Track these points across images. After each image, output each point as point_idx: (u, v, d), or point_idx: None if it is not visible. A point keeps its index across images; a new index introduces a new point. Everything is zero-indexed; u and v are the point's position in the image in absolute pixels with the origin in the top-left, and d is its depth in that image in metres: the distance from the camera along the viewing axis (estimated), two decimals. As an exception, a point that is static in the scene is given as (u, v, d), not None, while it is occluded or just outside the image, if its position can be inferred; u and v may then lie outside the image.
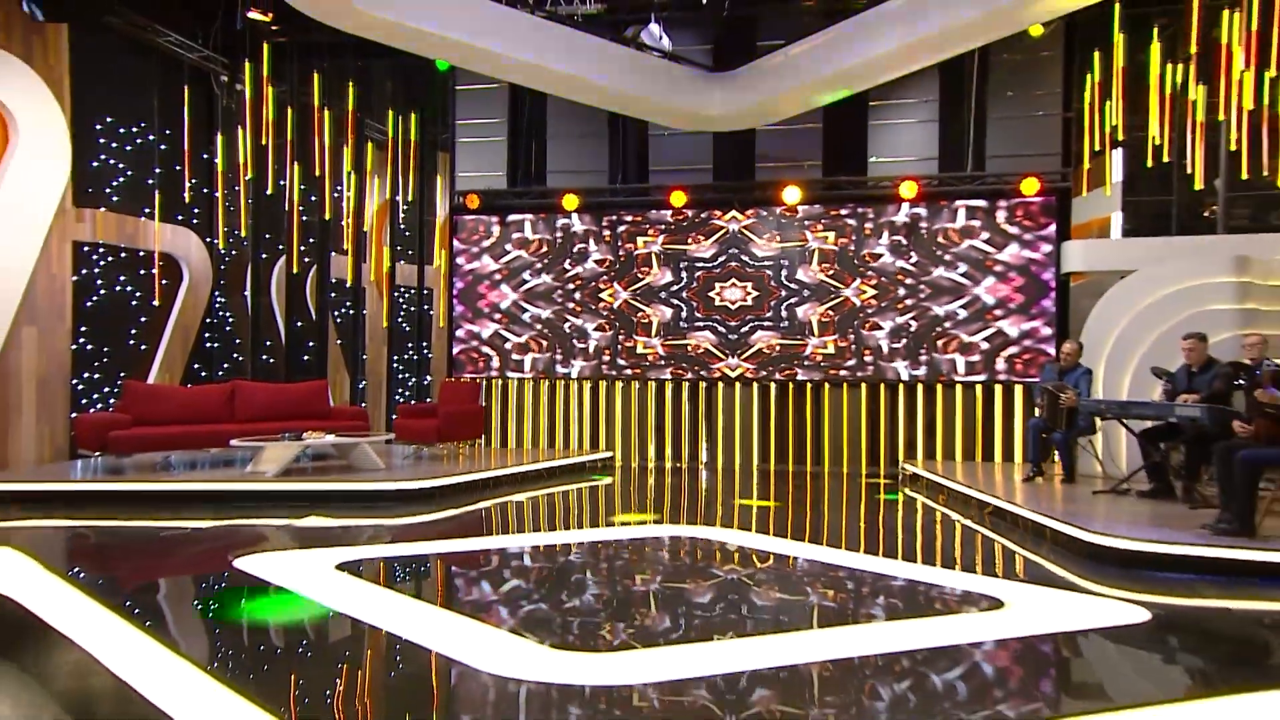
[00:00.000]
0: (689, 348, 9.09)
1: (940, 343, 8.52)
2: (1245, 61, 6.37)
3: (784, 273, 8.88)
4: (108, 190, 8.11)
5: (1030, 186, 7.96)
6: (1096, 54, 7.53)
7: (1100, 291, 7.73)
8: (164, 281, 8.52)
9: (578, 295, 9.30)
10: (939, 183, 8.50)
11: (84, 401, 8.00)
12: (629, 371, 9.21)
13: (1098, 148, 7.79)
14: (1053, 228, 8.24)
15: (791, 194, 8.57)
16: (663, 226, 9.16)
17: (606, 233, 9.26)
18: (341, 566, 4.16)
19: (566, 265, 9.32)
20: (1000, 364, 8.38)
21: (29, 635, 3.35)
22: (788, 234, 8.87)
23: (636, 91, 7.62)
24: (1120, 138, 7.60)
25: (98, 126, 7.95)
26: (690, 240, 9.10)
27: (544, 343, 9.37)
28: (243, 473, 6.65)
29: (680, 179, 9.06)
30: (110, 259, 8.13)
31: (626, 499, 7.22)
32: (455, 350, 9.54)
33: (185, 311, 8.74)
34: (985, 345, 8.43)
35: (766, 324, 8.92)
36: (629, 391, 9.20)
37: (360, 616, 3.40)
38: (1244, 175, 6.99)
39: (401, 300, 10.97)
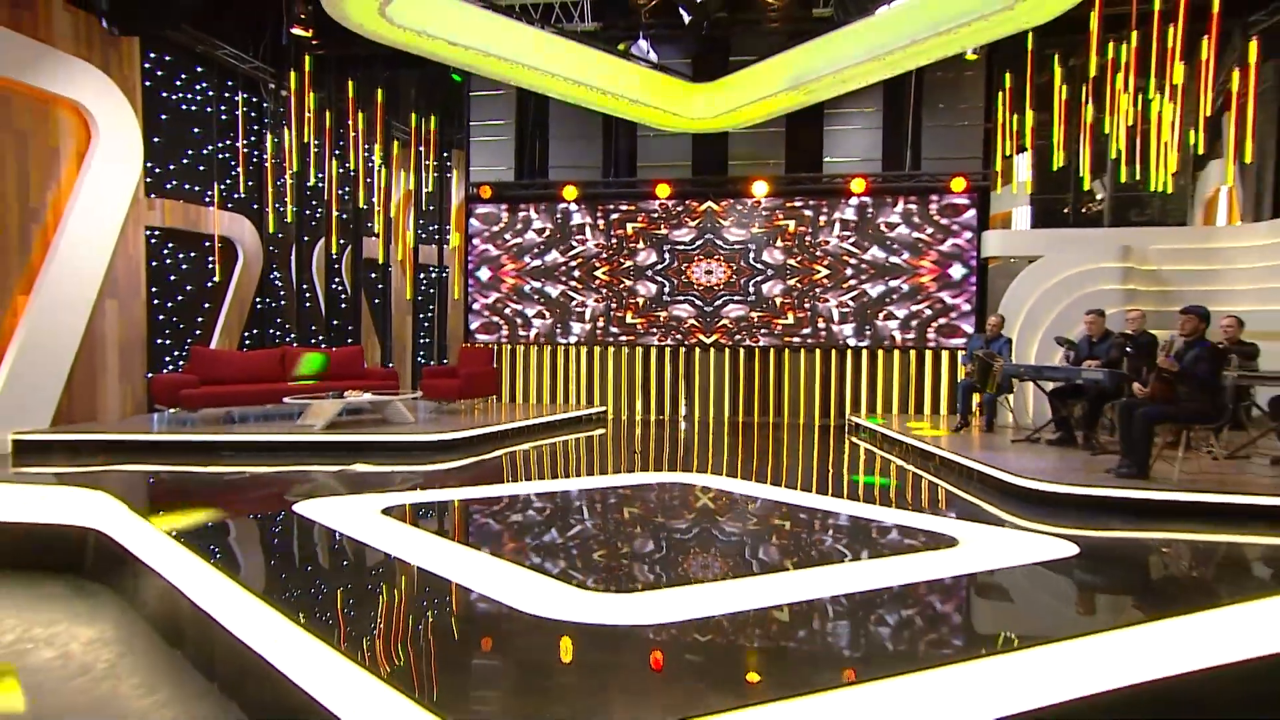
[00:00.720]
0: (671, 318, 9.63)
1: (881, 315, 9.17)
2: (1125, 85, 6.96)
3: (752, 255, 9.44)
4: (174, 182, 8.45)
5: (958, 185, 8.62)
6: (1008, 75, 8.10)
7: (1011, 273, 8.38)
8: (221, 261, 8.87)
9: (576, 273, 9.83)
10: (882, 180, 9.15)
11: (158, 364, 8.40)
12: (620, 339, 9.77)
13: (1008, 153, 8.38)
14: (975, 219, 8.85)
15: (760, 188, 9.14)
16: (649, 214, 9.64)
17: (601, 220, 9.75)
18: (387, 511, 4.26)
19: (566, 247, 9.81)
20: (930, 333, 9.07)
21: (123, 566, 3.65)
22: (756, 221, 9.39)
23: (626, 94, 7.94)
24: (1026, 145, 8.18)
25: (165, 127, 8.25)
26: (672, 226, 9.59)
27: (547, 313, 9.89)
28: (295, 425, 7.05)
29: (664, 174, 9.53)
30: (176, 242, 8.49)
31: (618, 449, 7.63)
32: (470, 320, 10.01)
33: (241, 287, 9.20)
34: (918, 317, 9.07)
35: (737, 299, 9.49)
36: (620, 356, 9.82)
37: (400, 555, 3.43)
38: (1123, 179, 7.62)
39: (423, 277, 11.39)
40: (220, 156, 8.91)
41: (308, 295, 9.94)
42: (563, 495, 5.10)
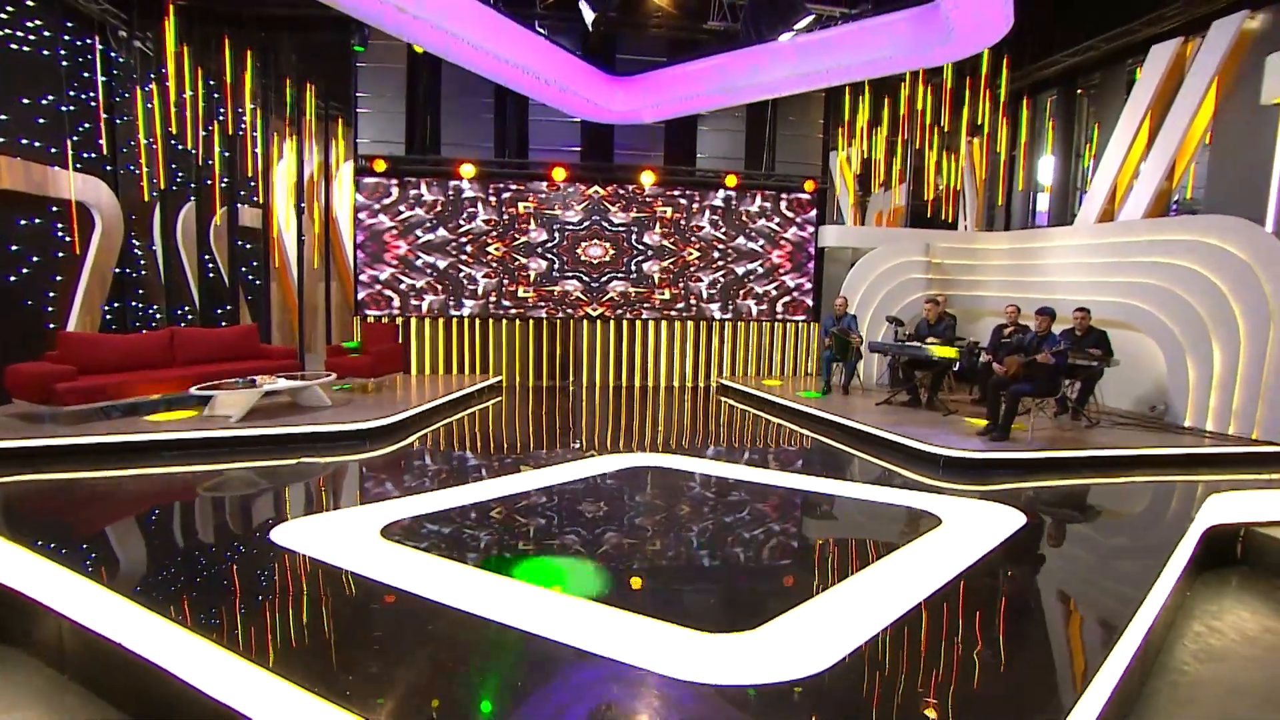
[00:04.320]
0: (560, 293, 10.17)
1: (742, 292, 10.57)
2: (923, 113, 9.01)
3: (634, 236, 10.26)
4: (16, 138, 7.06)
5: (809, 185, 10.15)
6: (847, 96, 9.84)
7: (842, 259, 10.19)
8: (71, 232, 7.63)
9: (468, 248, 9.92)
10: (745, 177, 10.37)
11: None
12: (512, 312, 10.11)
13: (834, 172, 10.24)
14: (815, 215, 10.52)
15: (647, 177, 9.92)
16: (539, 195, 9.98)
17: (493, 197, 9.89)
18: (388, 534, 3.86)
19: (457, 223, 9.83)
20: (779, 308, 10.68)
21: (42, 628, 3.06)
22: (638, 207, 10.21)
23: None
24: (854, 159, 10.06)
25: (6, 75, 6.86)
26: (562, 207, 10.06)
27: (439, 287, 9.88)
28: (205, 418, 6.31)
29: (553, 156, 9.90)
30: (20, 206, 7.17)
31: (541, 422, 7.98)
32: (358, 292, 9.70)
33: (100, 258, 7.99)
34: (768, 296, 10.63)
35: (620, 276, 10.29)
36: (512, 328, 10.12)
37: (457, 604, 3.01)
38: (930, 192, 9.77)
39: (304, 249, 10.57)
40: (66, 110, 7.55)
41: (173, 268, 8.86)
42: (561, 496, 4.84)
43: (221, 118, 8.84)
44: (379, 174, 9.47)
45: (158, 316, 8.86)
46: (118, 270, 8.28)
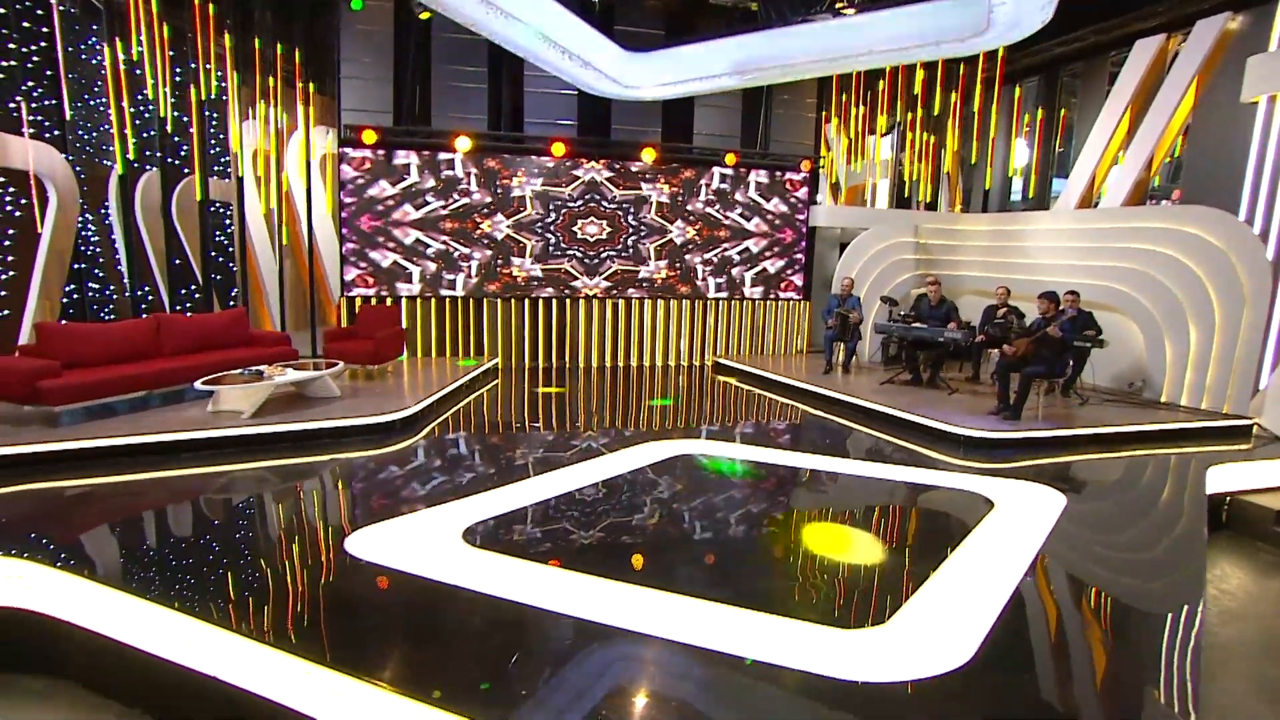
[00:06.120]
0: (556, 271, 9.98)
1: (735, 271, 10.65)
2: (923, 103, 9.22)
3: (630, 214, 10.14)
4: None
5: (806, 165, 10.24)
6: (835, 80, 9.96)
7: (831, 239, 10.38)
8: (23, 202, 6.91)
9: (461, 225, 9.56)
10: (741, 155, 10.35)
11: None
12: (505, 291, 9.85)
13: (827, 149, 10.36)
14: (807, 195, 10.65)
15: (648, 154, 9.77)
16: (536, 170, 9.70)
17: (487, 171, 9.54)
18: (470, 538, 3.78)
19: (450, 199, 9.47)
20: (772, 287, 10.82)
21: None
22: (636, 184, 10.05)
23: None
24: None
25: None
26: (559, 183, 9.81)
27: (430, 265, 9.53)
28: (214, 415, 5.88)
29: (549, 130, 9.61)
30: None
31: (561, 406, 8.01)
32: (345, 272, 9.25)
33: (57, 237, 7.20)
34: (766, 273, 10.75)
35: (617, 254, 10.18)
36: (507, 308, 9.87)
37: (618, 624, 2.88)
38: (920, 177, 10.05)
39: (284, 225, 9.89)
40: (20, 67, 6.70)
41: (134, 246, 8.08)
42: (625, 490, 4.77)
43: (179, 78, 8.07)
44: (367, 145, 8.96)
45: (115, 299, 8.15)
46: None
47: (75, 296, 7.58)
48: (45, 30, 7.06)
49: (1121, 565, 3.99)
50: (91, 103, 7.62)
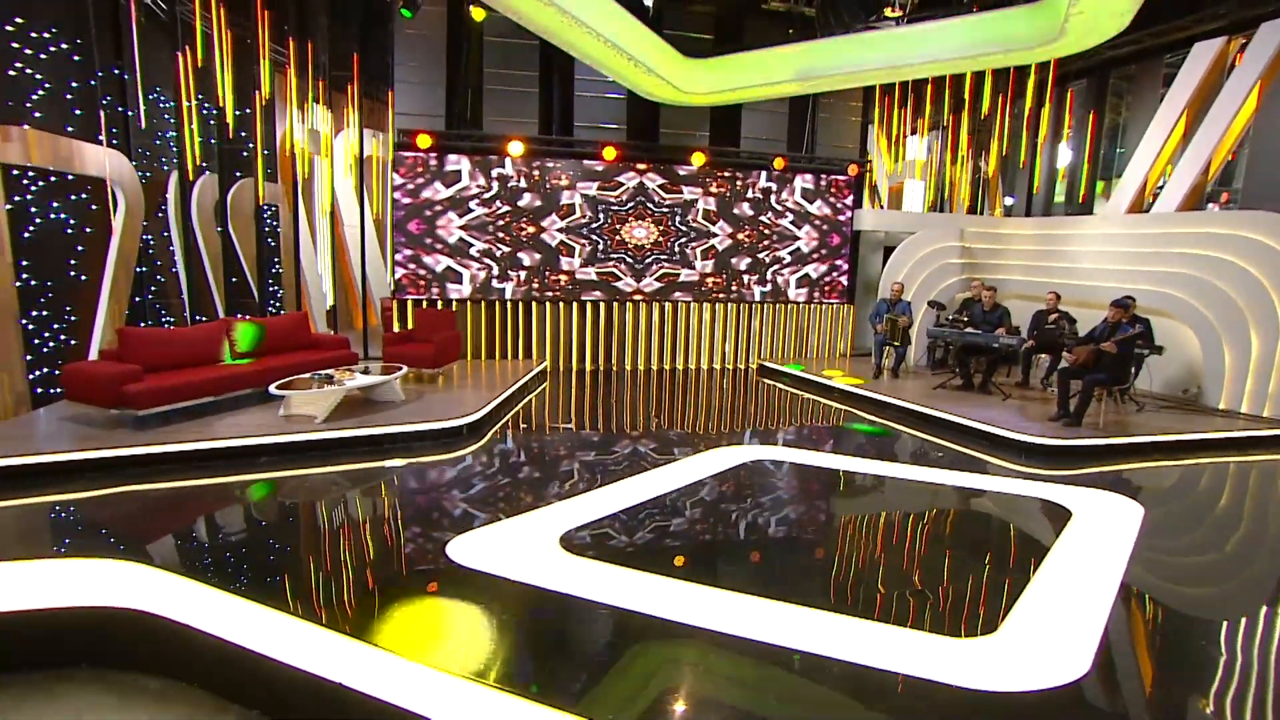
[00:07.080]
0: (603, 274, 10.03)
1: (781, 275, 10.64)
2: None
3: (677, 218, 10.16)
4: (29, 106, 6.47)
5: (853, 170, 10.22)
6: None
7: (874, 243, 10.34)
8: (94, 207, 7.08)
9: (512, 228, 9.63)
10: (790, 159, 10.36)
11: (35, 343, 6.61)
12: (555, 293, 9.91)
13: (870, 155, 10.34)
14: (851, 199, 10.63)
15: (697, 158, 9.78)
16: (586, 174, 9.74)
17: (536, 175, 9.61)
18: (567, 544, 3.84)
19: (501, 202, 9.53)
20: (817, 291, 10.81)
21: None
22: (684, 187, 10.07)
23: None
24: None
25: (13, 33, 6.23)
26: (607, 187, 9.85)
27: (480, 267, 9.60)
28: (287, 419, 5.98)
29: (597, 134, 9.64)
30: (42, 184, 6.62)
31: (588, 405, 8.11)
32: (398, 274, 9.37)
33: (125, 241, 7.35)
34: (810, 278, 10.73)
35: (664, 257, 10.20)
36: (556, 310, 9.93)
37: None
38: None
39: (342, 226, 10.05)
40: (88, 79, 6.83)
41: (190, 249, 8.28)
42: (709, 498, 4.78)
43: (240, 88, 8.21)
44: (420, 149, 9.07)
45: (170, 302, 8.30)
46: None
47: (136, 300, 7.77)
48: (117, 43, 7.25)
49: (1216, 575, 3.98)
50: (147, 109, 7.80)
